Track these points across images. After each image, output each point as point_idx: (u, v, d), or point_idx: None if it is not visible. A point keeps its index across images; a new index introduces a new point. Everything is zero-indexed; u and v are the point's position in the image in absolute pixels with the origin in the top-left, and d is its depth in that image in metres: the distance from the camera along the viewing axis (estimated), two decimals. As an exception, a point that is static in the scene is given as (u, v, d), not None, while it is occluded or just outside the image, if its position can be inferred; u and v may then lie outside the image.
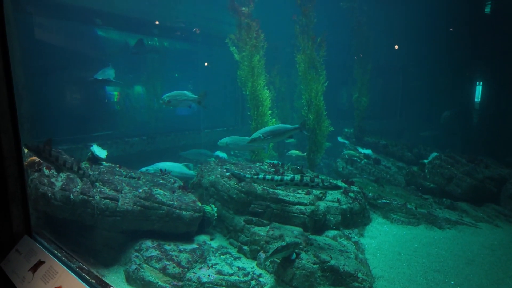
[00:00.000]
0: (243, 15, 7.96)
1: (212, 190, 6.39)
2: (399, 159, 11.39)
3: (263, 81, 8.35)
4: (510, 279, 5.37)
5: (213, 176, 6.47)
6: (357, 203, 7.18)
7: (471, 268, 5.68)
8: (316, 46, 8.62)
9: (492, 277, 5.41)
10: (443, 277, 5.40)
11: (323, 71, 8.71)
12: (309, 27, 8.39)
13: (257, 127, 8.30)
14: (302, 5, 8.28)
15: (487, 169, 8.71)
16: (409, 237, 6.81)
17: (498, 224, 7.53)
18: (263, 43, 8.34)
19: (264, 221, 5.85)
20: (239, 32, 8.16)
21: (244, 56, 8.15)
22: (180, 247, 5.26)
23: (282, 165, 7.97)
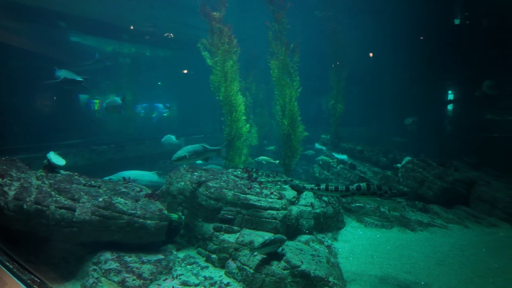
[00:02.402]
0: (215, 20, 7.92)
1: (181, 198, 6.15)
2: (374, 164, 11.54)
3: (237, 87, 8.29)
4: (478, 278, 5.41)
5: (182, 183, 6.25)
6: (330, 207, 7.14)
7: (441, 269, 5.70)
8: (290, 52, 8.66)
9: (461, 277, 5.44)
10: (414, 278, 5.38)
11: (296, 77, 8.75)
12: (282, 33, 8.45)
13: (231, 132, 8.18)
14: (275, 11, 8.34)
15: (456, 172, 8.93)
16: (382, 240, 6.80)
17: (467, 225, 7.67)
18: (236, 48, 8.31)
19: (235, 228, 5.67)
20: (211, 37, 8.10)
21: (216, 61, 8.08)
22: (143, 258, 4.97)
23: (257, 171, 7.85)
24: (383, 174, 10.15)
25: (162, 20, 13.77)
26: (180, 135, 13.30)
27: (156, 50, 19.10)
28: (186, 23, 13.05)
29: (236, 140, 8.38)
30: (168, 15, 13.05)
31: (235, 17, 13.58)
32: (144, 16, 13.28)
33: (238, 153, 8.48)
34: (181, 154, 5.80)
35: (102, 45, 15.59)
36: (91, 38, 14.13)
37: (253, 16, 12.29)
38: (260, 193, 6.26)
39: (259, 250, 4.83)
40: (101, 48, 15.86)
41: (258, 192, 6.26)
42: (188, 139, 12.61)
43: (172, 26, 14.50)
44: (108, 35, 13.48)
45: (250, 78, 12.24)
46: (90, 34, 13.08)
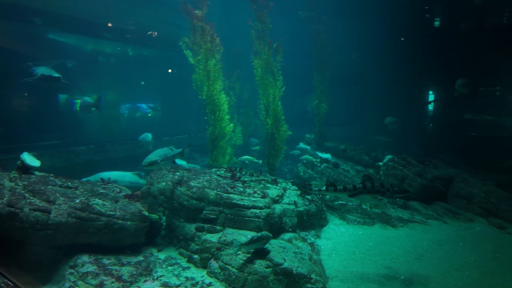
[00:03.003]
0: (197, 18, 7.85)
1: (162, 198, 6.05)
2: (357, 163, 11.73)
3: (220, 86, 8.24)
4: (455, 271, 5.59)
5: (163, 183, 6.15)
6: (314, 205, 7.19)
7: (421, 263, 5.85)
8: (273, 52, 8.69)
9: (439, 270, 5.60)
10: (394, 273, 5.49)
11: (280, 76, 8.79)
12: (265, 32, 8.47)
13: (214, 132, 8.12)
14: (258, 10, 8.35)
15: (435, 169, 9.19)
16: (364, 237, 6.91)
17: (446, 220, 7.90)
18: (219, 47, 8.26)
19: (217, 228, 5.62)
20: (193, 36, 8.03)
21: (199, 59, 8.00)
22: (123, 260, 4.86)
23: (240, 170, 7.83)
24: (366, 172, 10.33)
25: (144, 19, 13.54)
26: (164, 135, 13.14)
27: (140, 49, 18.81)
28: (169, 21, 12.88)
29: (220, 140, 8.33)
30: (150, 13, 12.85)
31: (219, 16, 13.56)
32: (126, 14, 13.03)
33: (222, 152, 8.44)
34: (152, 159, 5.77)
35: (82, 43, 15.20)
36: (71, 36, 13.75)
37: (237, 15, 12.29)
38: (243, 192, 6.24)
39: (247, 246, 4.86)
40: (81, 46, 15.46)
41: (241, 191, 6.24)
42: (171, 139, 12.46)
43: (155, 25, 14.29)
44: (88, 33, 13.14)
45: (234, 77, 12.21)
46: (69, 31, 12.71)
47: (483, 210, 7.99)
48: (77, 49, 15.09)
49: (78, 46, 15.29)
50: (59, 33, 12.90)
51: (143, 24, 15.00)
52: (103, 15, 12.94)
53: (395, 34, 16.50)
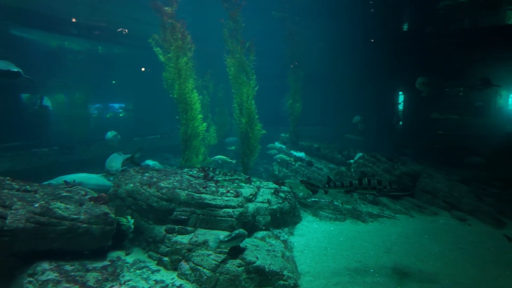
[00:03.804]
0: (167, 15, 7.68)
1: (130, 200, 5.85)
2: (330, 161, 11.98)
3: (192, 84, 8.10)
4: (421, 262, 5.83)
5: (130, 185, 5.94)
6: (287, 203, 7.25)
7: (389, 256, 6.05)
8: (246, 51, 8.68)
9: (406, 262, 5.83)
10: (364, 266, 5.64)
11: (253, 75, 8.79)
12: (237, 31, 8.44)
13: (186, 131, 7.97)
14: (229, 9, 8.31)
15: (403, 166, 9.57)
16: (335, 232, 7.05)
17: (413, 214, 8.24)
18: (190, 45, 8.13)
19: (188, 229, 5.52)
20: (163, 33, 7.84)
21: (169, 57, 7.83)
22: (88, 265, 4.64)
23: (214, 170, 7.75)
24: (338, 170, 10.59)
25: (113, 15, 13.07)
26: (135, 136, 12.76)
27: (111, 47, 18.15)
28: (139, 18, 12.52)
29: (193, 139, 8.20)
30: (119, 10, 12.42)
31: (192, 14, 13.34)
32: (94, 10, 12.51)
33: (195, 152, 8.30)
34: (117, 166, 5.63)
35: (47, 39, 14.43)
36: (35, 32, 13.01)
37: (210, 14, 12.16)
38: (216, 191, 6.17)
39: (226, 243, 4.87)
40: (46, 43, 14.67)
41: (213, 191, 6.17)
42: (143, 140, 12.13)
43: (125, 22, 13.84)
44: (53, 29, 12.48)
45: (207, 76, 12.07)
46: (33, 27, 12.02)
47: (446, 204, 8.42)
48: (41, 46, 14.31)
49: (42, 42, 14.51)
50: (22, 28, 12.17)
51: (113, 21, 14.49)
52: (69, 11, 12.35)
53: (366, 36, 17.06)
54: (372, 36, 16.87)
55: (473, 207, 8.15)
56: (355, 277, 5.28)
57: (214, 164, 9.99)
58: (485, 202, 8.44)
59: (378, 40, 17.01)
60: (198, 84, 9.73)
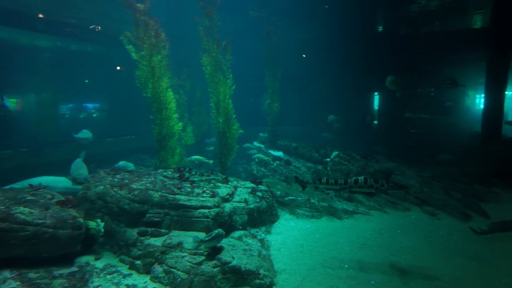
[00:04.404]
0: (139, 12, 7.48)
1: (100, 203, 5.63)
2: (308, 160, 12.13)
3: (167, 83, 7.93)
4: (393, 256, 6.01)
5: (101, 187, 5.72)
6: (264, 202, 7.26)
7: (363, 252, 6.19)
8: (222, 50, 8.61)
9: (379, 257, 5.99)
10: (339, 262, 5.74)
11: (230, 74, 8.73)
12: (213, 29, 8.35)
13: (161, 131, 7.79)
14: (204, 7, 8.20)
15: (377, 163, 9.85)
16: (312, 230, 7.14)
17: (386, 210, 8.49)
18: (164, 43, 7.95)
19: (162, 231, 5.38)
20: (136, 30, 7.62)
21: (142, 55, 7.63)
22: (54, 272, 4.42)
23: (190, 170, 7.62)
24: (315, 168, 10.73)
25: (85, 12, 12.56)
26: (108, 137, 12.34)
27: (84, 45, 17.46)
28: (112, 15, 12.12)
29: (168, 140, 8.02)
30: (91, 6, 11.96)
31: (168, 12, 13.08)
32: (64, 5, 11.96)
33: (170, 153, 8.13)
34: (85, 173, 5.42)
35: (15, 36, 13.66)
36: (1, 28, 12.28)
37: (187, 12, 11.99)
38: (191, 192, 6.07)
39: (206, 243, 4.84)
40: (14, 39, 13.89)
41: (189, 191, 6.06)
42: (117, 141, 11.75)
43: (98, 19, 13.36)
44: (21, 25, 11.83)
45: (184, 75, 11.87)
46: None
47: (418, 200, 8.74)
48: (8, 43, 13.54)
49: (9, 39, 13.74)
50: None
51: (84, 18, 13.95)
52: (37, 6, 11.74)
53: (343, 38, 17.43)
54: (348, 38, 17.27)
55: (442, 202, 8.52)
56: (330, 273, 5.36)
57: (191, 165, 9.84)
58: (453, 197, 8.83)
59: (354, 41, 17.44)
60: (174, 83, 9.53)
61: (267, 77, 13.52)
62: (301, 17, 15.83)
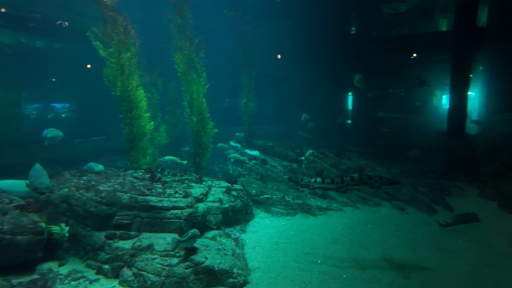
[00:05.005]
0: (107, 8, 7.20)
1: (64, 207, 5.36)
2: (284, 158, 12.23)
3: (137, 81, 7.69)
4: (364, 251, 6.18)
5: (65, 190, 5.45)
6: (239, 201, 7.24)
7: (336, 247, 6.32)
8: (195, 48, 8.48)
9: (351, 251, 6.14)
10: (312, 258, 5.83)
11: (203, 72, 8.62)
12: (185, 27, 8.21)
13: (131, 131, 7.55)
14: (176, 4, 8.05)
15: (349, 161, 10.11)
16: (286, 227, 7.20)
17: (358, 206, 8.73)
18: (134, 40, 7.71)
19: (132, 233, 5.21)
20: (103, 26, 7.33)
21: (111, 52, 7.35)
22: (13, 281, 4.15)
23: (162, 171, 7.45)
24: (290, 166, 10.85)
25: (51, 6, 11.94)
26: (77, 137, 11.79)
27: (50, 41, 16.61)
28: (80, 11, 11.60)
29: (140, 139, 7.79)
30: (58, 1, 11.38)
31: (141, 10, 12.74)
32: (29, 0, 11.32)
33: (142, 153, 7.89)
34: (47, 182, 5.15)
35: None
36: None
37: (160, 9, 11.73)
38: (162, 193, 5.93)
39: (184, 243, 4.80)
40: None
41: (160, 192, 5.92)
42: (86, 141, 11.26)
43: (65, 14, 12.75)
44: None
45: (156, 73, 11.58)
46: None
47: (387, 195, 9.05)
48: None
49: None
50: None
51: (50, 13, 13.27)
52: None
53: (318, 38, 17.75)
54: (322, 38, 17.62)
55: (411, 197, 8.88)
56: (303, 269, 5.42)
57: (164, 166, 9.62)
58: (420, 192, 9.23)
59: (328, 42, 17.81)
60: (146, 81, 9.26)
61: (243, 77, 13.48)
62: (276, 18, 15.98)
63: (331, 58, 17.29)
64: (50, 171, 8.86)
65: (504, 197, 8.79)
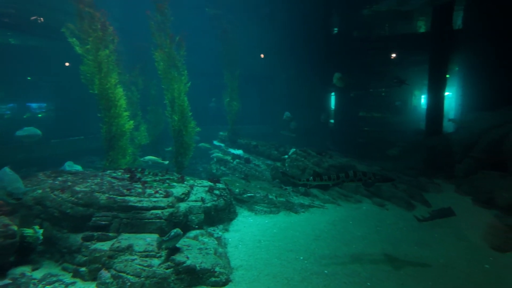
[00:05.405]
0: (83, 3, 6.98)
1: (38, 209, 5.16)
2: (267, 157, 12.27)
3: (116, 79, 7.50)
4: (345, 246, 6.29)
5: (39, 191, 5.25)
6: (222, 200, 7.20)
7: (318, 243, 6.40)
8: (176, 45, 8.36)
9: (332, 247, 6.23)
10: (295, 255, 5.87)
11: (184, 70, 8.51)
12: (165, 24, 8.08)
13: (110, 130, 7.36)
14: (156, 1, 7.91)
15: (331, 159, 10.25)
16: (270, 225, 7.22)
17: (340, 203, 8.87)
18: (112, 36, 7.51)
19: (110, 234, 5.08)
20: (80, 23, 7.11)
21: (88, 49, 7.13)
22: (-18, 286, 3.96)
23: (142, 171, 7.30)
24: (274, 165, 10.89)
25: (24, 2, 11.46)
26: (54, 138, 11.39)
27: (24, 38, 15.94)
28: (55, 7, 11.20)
29: (119, 139, 7.60)
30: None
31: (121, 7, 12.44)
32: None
33: (121, 153, 7.70)
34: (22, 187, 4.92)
35: None
36: None
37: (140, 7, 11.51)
38: (142, 193, 5.81)
39: (167, 243, 4.76)
40: None
41: (140, 192, 5.80)
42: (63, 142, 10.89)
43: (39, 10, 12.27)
44: None
45: (136, 71, 11.33)
46: None
47: (368, 192, 9.24)
48: None
49: None
50: None
51: (25, 8, 12.75)
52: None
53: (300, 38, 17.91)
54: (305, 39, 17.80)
55: (390, 194, 9.10)
56: (286, 266, 5.45)
57: (145, 166, 9.45)
58: (399, 189, 9.48)
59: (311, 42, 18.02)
60: (125, 80, 9.05)
61: (226, 75, 13.44)
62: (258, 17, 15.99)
63: (314, 58, 17.49)
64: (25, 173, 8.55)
65: (477, 192, 9.15)
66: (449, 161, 11.41)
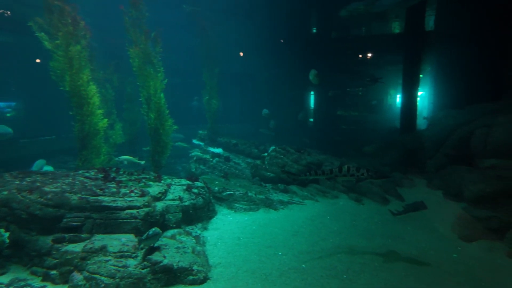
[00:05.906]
0: (51, -4, 6.70)
1: (4, 211, 4.90)
2: (248, 156, 12.28)
3: (88, 76, 7.24)
4: (322, 241, 6.41)
5: (5, 193, 4.98)
6: (200, 198, 7.13)
7: (296, 239, 6.48)
8: (152, 42, 8.19)
9: (310, 242, 6.33)
10: (274, 250, 5.92)
11: (160, 67, 8.34)
12: (141, 20, 7.88)
13: (83, 128, 7.09)
14: (131, -4, 7.71)
15: (309, 156, 10.40)
16: (249, 222, 7.24)
17: (318, 199, 9.02)
18: (84, 32, 7.24)
19: (83, 236, 4.91)
20: (49, 17, 6.80)
21: (57, 44, 6.84)
22: None
23: (117, 170, 7.10)
24: (254, 163, 10.92)
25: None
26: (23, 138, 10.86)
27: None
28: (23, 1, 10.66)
29: (92, 138, 7.34)
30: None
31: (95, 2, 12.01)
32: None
33: (95, 152, 7.45)
34: None
35: None
36: None
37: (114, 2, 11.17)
38: (116, 193, 5.66)
39: (145, 241, 4.70)
40: None
41: (114, 192, 5.64)
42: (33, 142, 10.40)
43: (7, 4, 11.64)
44: None
45: (111, 68, 10.99)
46: None
47: (345, 188, 9.47)
48: None
49: None
50: None
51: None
52: None
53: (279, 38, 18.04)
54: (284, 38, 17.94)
55: (366, 189, 9.35)
56: (264, 262, 5.49)
57: (120, 166, 9.20)
58: (374, 184, 9.76)
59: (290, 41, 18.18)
60: (99, 77, 8.76)
61: (205, 73, 13.31)
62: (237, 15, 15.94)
63: (293, 57, 17.67)
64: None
65: (447, 186, 9.58)
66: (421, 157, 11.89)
